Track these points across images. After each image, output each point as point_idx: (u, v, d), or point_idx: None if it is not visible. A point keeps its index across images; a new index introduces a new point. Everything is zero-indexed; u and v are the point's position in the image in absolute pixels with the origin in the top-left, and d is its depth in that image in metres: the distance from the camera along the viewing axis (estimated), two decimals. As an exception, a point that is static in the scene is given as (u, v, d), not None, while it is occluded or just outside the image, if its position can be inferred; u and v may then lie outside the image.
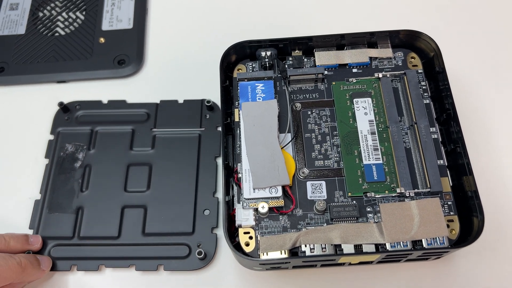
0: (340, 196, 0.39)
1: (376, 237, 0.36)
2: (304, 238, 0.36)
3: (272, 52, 0.43)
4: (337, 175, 0.39)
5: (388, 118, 0.41)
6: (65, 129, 0.50)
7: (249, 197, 0.37)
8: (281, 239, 0.36)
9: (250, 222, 0.37)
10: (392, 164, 0.39)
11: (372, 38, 0.44)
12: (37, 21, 0.57)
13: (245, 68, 0.44)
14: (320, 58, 0.43)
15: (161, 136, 0.49)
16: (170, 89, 0.52)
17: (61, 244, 0.44)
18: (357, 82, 0.43)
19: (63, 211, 0.46)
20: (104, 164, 0.48)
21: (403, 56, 0.44)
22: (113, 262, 0.43)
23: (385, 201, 0.38)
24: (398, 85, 0.43)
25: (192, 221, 0.44)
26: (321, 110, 0.42)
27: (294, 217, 0.38)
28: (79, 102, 0.52)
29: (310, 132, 0.41)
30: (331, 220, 0.38)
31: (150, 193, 0.46)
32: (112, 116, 0.51)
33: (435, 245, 0.36)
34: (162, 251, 0.43)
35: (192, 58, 0.54)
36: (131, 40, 0.55)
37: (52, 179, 0.47)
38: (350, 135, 0.40)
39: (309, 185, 0.39)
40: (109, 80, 0.54)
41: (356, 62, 0.43)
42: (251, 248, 0.37)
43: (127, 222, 0.45)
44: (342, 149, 0.40)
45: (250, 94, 0.41)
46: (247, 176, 0.38)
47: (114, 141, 0.49)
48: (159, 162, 0.48)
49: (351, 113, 0.41)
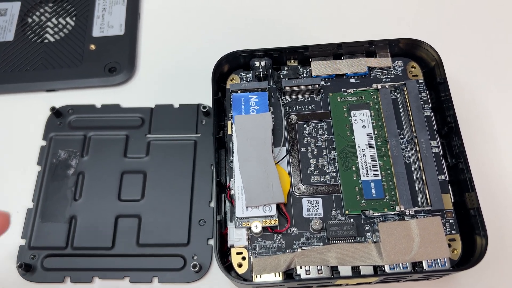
0: (337, 214, 0.37)
1: (375, 259, 0.34)
2: (300, 259, 0.34)
3: (266, 62, 0.42)
4: (334, 191, 0.38)
5: (387, 131, 0.39)
6: (58, 134, 0.49)
7: (242, 216, 0.36)
8: (275, 260, 0.35)
9: (243, 243, 0.36)
10: (391, 180, 0.38)
11: (370, 47, 0.42)
12: (26, 27, 0.55)
13: (238, 78, 0.43)
14: (316, 68, 0.42)
15: (155, 142, 0.48)
16: (164, 96, 0.51)
17: (53, 255, 0.43)
18: (355, 93, 0.41)
19: (56, 220, 0.45)
20: (97, 172, 0.47)
21: (403, 65, 0.42)
22: (106, 274, 0.42)
23: (384, 219, 0.37)
24: (397, 96, 0.41)
25: (187, 232, 0.43)
26: (318, 122, 0.40)
27: (289, 237, 0.36)
28: (71, 106, 0.50)
29: (306, 146, 0.39)
30: (327, 239, 0.36)
31: (144, 202, 0.45)
32: (106, 121, 0.49)
33: (436, 267, 0.34)
34: (157, 263, 0.42)
35: (186, 65, 0.52)
36: (123, 47, 0.53)
37: (45, 187, 0.46)
38: (347, 149, 0.39)
39: (305, 202, 0.37)
40: (100, 89, 0.52)
41: (354, 72, 0.41)
42: (244, 269, 0.35)
43: (121, 232, 0.44)
44: (339, 164, 0.38)
45: (243, 106, 0.40)
46: (240, 193, 0.36)
47: (107, 147, 0.48)
48: (154, 169, 0.46)
49: (348, 126, 0.40)
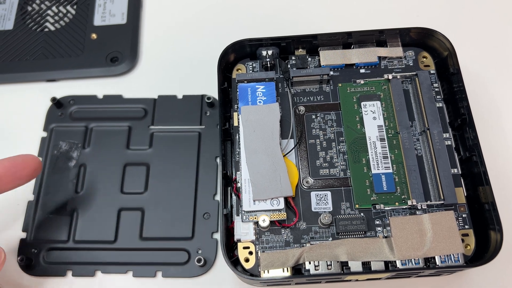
0: (346, 208, 0.36)
1: (386, 254, 0.33)
2: (308, 254, 0.33)
3: (274, 51, 0.41)
4: (343, 185, 0.37)
5: (399, 123, 0.38)
6: (59, 125, 0.48)
7: (249, 209, 0.35)
8: (283, 255, 0.34)
9: (250, 237, 0.35)
10: (403, 174, 0.36)
11: (381, 36, 0.41)
12: (25, 16, 0.54)
13: (244, 68, 0.41)
14: (325, 57, 0.40)
15: (159, 134, 0.47)
16: (167, 86, 0.50)
17: (55, 248, 0.42)
18: (365, 83, 0.40)
19: (57, 213, 0.44)
20: (99, 164, 0.46)
21: (414, 55, 0.41)
22: (109, 268, 0.41)
23: (395, 214, 0.36)
24: (409, 87, 0.40)
25: (191, 225, 0.42)
26: (326, 114, 0.39)
27: (298, 231, 0.35)
28: (73, 97, 0.49)
29: (314, 138, 0.38)
30: (337, 234, 0.35)
31: (147, 195, 0.44)
32: (108, 112, 0.48)
33: (450, 263, 0.33)
34: (160, 257, 0.41)
35: (189, 55, 0.51)
36: (125, 36, 0.52)
37: (46, 179, 0.45)
38: (357, 142, 0.38)
39: (314, 196, 0.36)
40: (101, 79, 0.51)
41: (364, 62, 0.40)
42: (251, 264, 0.34)
43: (124, 225, 0.43)
44: (349, 156, 0.37)
45: (250, 96, 0.38)
46: (247, 186, 0.35)
47: (110, 139, 0.47)
48: (157, 162, 0.45)
49: (358, 117, 0.38)
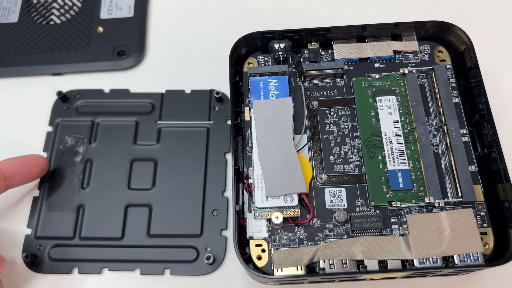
0: (362, 205, 0.35)
1: (403, 252, 0.32)
2: (323, 252, 0.33)
3: (286, 44, 0.40)
4: (358, 181, 0.36)
5: (415, 118, 0.37)
6: (65, 120, 0.47)
7: (262, 206, 0.34)
8: (297, 253, 0.33)
9: (262, 234, 0.34)
10: (420, 170, 0.35)
11: (397, 29, 0.40)
12: (30, 8, 0.53)
13: (256, 61, 0.40)
14: (339, 51, 0.39)
15: (167, 129, 0.46)
16: (175, 81, 0.49)
17: (61, 245, 0.42)
18: (380, 78, 0.39)
19: (63, 209, 0.43)
20: (106, 159, 0.45)
21: (430, 49, 0.40)
22: (116, 265, 0.41)
23: (411, 211, 0.35)
24: (424, 82, 0.39)
25: (200, 222, 0.41)
26: (340, 109, 0.38)
27: (311, 228, 0.34)
28: (79, 91, 0.48)
29: (328, 134, 0.37)
30: (352, 232, 0.34)
31: (155, 191, 0.43)
32: (115, 107, 0.47)
33: (469, 262, 0.32)
34: (168, 254, 0.41)
35: (198, 48, 0.50)
36: (132, 30, 0.51)
37: (51, 174, 0.44)
38: (373, 137, 0.37)
39: (328, 193, 0.35)
40: (108, 73, 0.50)
41: (379, 56, 0.39)
42: (264, 262, 0.34)
43: (131, 222, 0.42)
44: (364, 152, 0.36)
45: (262, 90, 0.37)
46: (260, 182, 0.34)
47: (116, 134, 0.46)
48: (165, 157, 0.45)
49: (373, 112, 0.37)
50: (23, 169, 0.40)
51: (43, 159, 0.42)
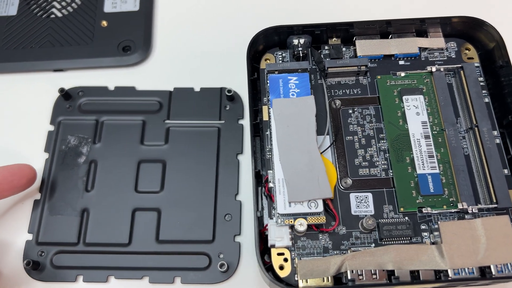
0: (390, 211, 0.33)
1: (437, 262, 0.30)
2: (351, 262, 0.30)
3: (306, 40, 0.37)
4: (385, 186, 0.34)
5: (444, 119, 0.35)
6: (67, 118, 0.45)
7: (284, 212, 0.31)
8: (323, 263, 0.31)
9: (285, 243, 0.31)
10: (450, 174, 0.33)
11: (423, 25, 0.37)
12: (30, 1, 0.50)
13: (273, 58, 0.38)
14: (362, 47, 0.37)
15: (175, 129, 0.44)
16: (184, 78, 0.46)
17: (64, 251, 0.39)
18: (406, 76, 0.37)
19: (66, 213, 0.41)
20: (111, 160, 0.42)
21: (457, 47, 0.38)
22: (123, 273, 0.38)
23: (442, 218, 0.33)
24: (452, 81, 0.37)
25: (212, 228, 0.39)
26: (364, 108, 0.36)
27: (337, 236, 0.32)
28: (82, 88, 0.46)
29: (352, 135, 0.35)
30: (380, 240, 0.32)
31: (164, 194, 0.41)
32: (120, 105, 0.45)
33: (507, 272, 0.30)
34: (179, 261, 0.39)
35: (208, 44, 0.48)
36: (138, 24, 0.48)
37: (53, 176, 0.42)
38: (400, 139, 0.35)
39: (353, 198, 0.33)
40: (112, 69, 0.47)
41: (403, 53, 0.37)
42: (287, 272, 0.31)
43: (139, 227, 0.40)
44: (391, 155, 0.34)
45: (282, 88, 0.35)
46: (281, 187, 0.32)
47: (122, 133, 0.44)
48: (174, 158, 0.42)
49: (400, 112, 0.35)
50: (7, 180, 0.37)
51: (31, 169, 0.39)
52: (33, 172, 0.39)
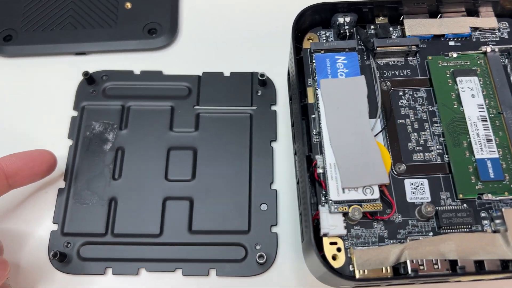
0: (447, 198, 0.31)
1: (504, 251, 0.28)
2: (411, 252, 0.28)
3: (351, 18, 0.35)
4: (441, 171, 0.32)
5: (501, 101, 0.33)
6: (91, 104, 0.43)
7: (338, 199, 0.29)
8: (381, 252, 0.29)
9: (339, 231, 0.29)
10: (510, 159, 0.31)
11: (476, 3, 0.35)
12: (49, -20, 0.48)
13: (317, 37, 0.36)
14: (411, 26, 0.35)
15: (205, 115, 0.42)
16: (212, 62, 0.44)
17: (91, 242, 0.37)
18: (459, 57, 0.35)
19: (92, 202, 0.39)
20: (139, 147, 0.41)
21: (509, 27, 0.36)
22: (155, 265, 0.37)
23: (502, 205, 0.31)
24: (505, 62, 0.35)
25: (247, 217, 0.38)
26: (415, 90, 0.34)
27: (392, 224, 0.30)
28: (106, 72, 0.44)
29: (404, 118, 0.33)
30: (438, 228, 0.30)
31: (196, 182, 0.39)
32: (147, 90, 0.43)
33: None
34: (213, 253, 0.37)
35: (238, 26, 0.46)
36: (164, 5, 0.46)
37: (78, 164, 0.40)
38: (456, 122, 0.33)
39: (408, 184, 0.31)
40: (137, 53, 0.45)
41: (454, 33, 0.35)
42: (340, 262, 0.29)
43: (170, 217, 0.38)
44: (447, 139, 0.32)
45: (329, 69, 0.33)
46: (333, 172, 0.30)
47: (150, 119, 0.42)
48: (205, 146, 0.41)
49: (454, 94, 0.33)
50: (28, 166, 0.36)
51: (51, 155, 0.37)
52: (54, 158, 0.38)
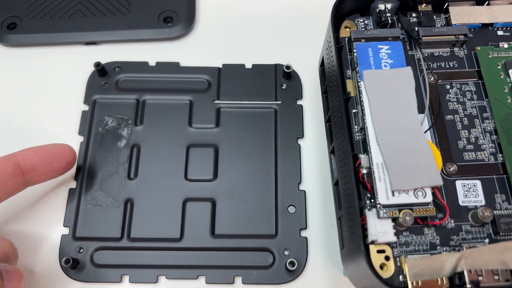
0: (502, 202, 0.28)
1: None
2: (469, 261, 0.26)
3: (393, 5, 0.32)
4: (495, 171, 0.29)
5: (557, 96, 0.30)
6: (103, 97, 0.40)
7: (387, 203, 0.27)
8: (435, 261, 0.26)
9: (389, 238, 0.26)
10: None
11: (525, -10, 0.33)
12: (56, -35, 0.44)
13: (355, 25, 0.33)
14: (457, 15, 0.32)
15: (227, 110, 0.39)
16: (233, 54, 0.42)
17: (106, 247, 0.35)
18: (510, 47, 0.32)
19: (106, 204, 0.36)
20: (156, 144, 0.38)
21: (558, 16, 0.34)
22: (175, 272, 0.34)
23: (563, 209, 0.28)
24: (557, 54, 0.32)
25: (274, 220, 0.35)
26: (463, 84, 0.31)
27: (444, 230, 0.28)
28: (118, 63, 0.41)
29: (452, 114, 0.30)
30: (495, 234, 0.27)
31: (218, 182, 0.37)
32: (163, 83, 0.40)
33: None
34: (238, 259, 0.34)
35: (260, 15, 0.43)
36: (180, -8, 0.43)
37: (90, 162, 0.37)
38: (510, 118, 0.30)
39: (460, 186, 0.29)
40: (152, 43, 0.42)
41: (504, 21, 0.32)
42: (389, 273, 0.27)
43: (191, 219, 0.35)
44: (500, 137, 0.29)
45: (372, 59, 0.30)
46: (381, 173, 0.27)
47: (167, 114, 0.39)
48: (227, 143, 0.38)
49: (507, 88, 0.31)
50: (45, 162, 0.32)
51: (71, 150, 0.34)
52: (74, 154, 0.35)
